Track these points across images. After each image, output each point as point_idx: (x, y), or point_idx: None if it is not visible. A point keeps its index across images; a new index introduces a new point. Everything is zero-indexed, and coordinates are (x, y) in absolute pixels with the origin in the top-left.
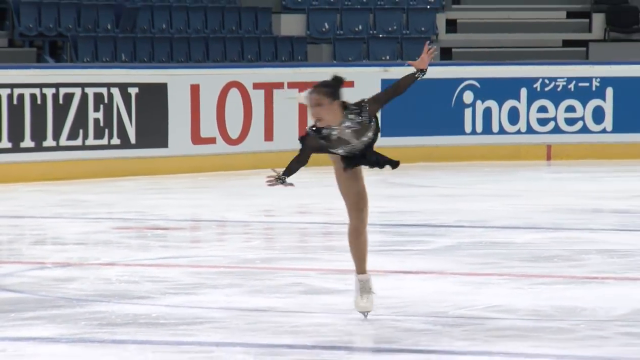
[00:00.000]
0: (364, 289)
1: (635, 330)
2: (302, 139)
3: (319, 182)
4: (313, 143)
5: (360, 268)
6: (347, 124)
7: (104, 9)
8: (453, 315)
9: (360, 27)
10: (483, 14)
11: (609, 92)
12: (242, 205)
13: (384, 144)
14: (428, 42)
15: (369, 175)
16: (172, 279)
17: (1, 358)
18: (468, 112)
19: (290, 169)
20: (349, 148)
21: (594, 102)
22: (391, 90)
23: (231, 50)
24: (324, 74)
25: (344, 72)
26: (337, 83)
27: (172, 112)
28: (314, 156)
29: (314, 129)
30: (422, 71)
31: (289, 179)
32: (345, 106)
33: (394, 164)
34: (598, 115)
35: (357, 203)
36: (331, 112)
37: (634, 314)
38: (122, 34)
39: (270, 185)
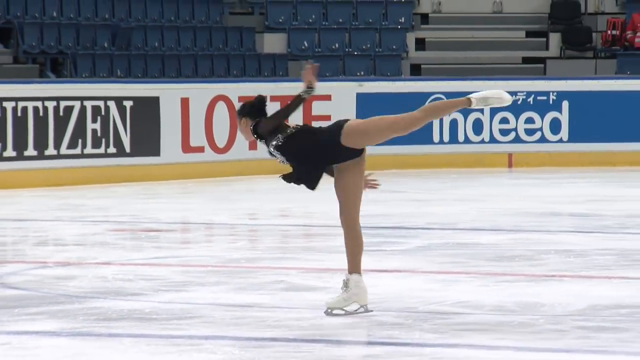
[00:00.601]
0: (344, 285)
1: (590, 324)
2: None
3: (299, 188)
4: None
5: (350, 267)
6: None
7: (101, 29)
8: (424, 310)
9: (336, 45)
10: (449, 34)
11: (565, 105)
12: (228, 209)
13: None
14: (310, 60)
15: None
16: (164, 277)
17: (6, 351)
18: (436, 123)
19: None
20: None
21: (551, 114)
22: (280, 112)
23: (218, 66)
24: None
25: (322, 86)
26: (253, 103)
27: (164, 123)
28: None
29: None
30: (310, 89)
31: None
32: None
33: (310, 186)
34: (555, 126)
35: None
36: (242, 130)
37: (589, 309)
38: (118, 51)
39: None
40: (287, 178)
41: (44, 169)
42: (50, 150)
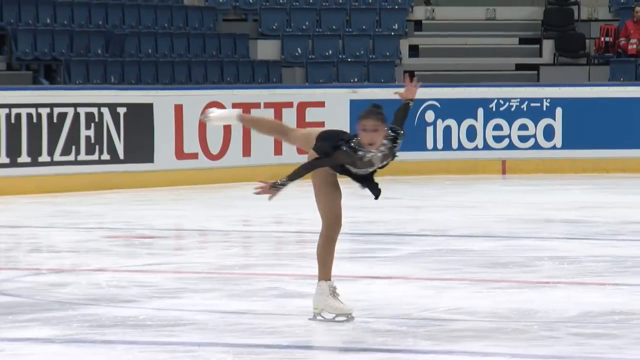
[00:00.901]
0: (335, 293)
1: (584, 331)
2: (332, 150)
3: (292, 194)
4: (341, 159)
5: (329, 274)
6: (382, 148)
7: (94, 35)
8: (417, 317)
9: (330, 52)
10: (443, 40)
11: (559, 111)
12: (221, 216)
13: None
14: (407, 74)
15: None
16: (157, 283)
17: None
18: (430, 130)
19: (295, 175)
20: (370, 170)
21: (544, 121)
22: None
23: (212, 73)
24: (298, 95)
25: (316, 93)
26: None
27: (158, 130)
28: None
29: (351, 146)
30: (411, 100)
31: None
32: None
33: (377, 194)
34: (548, 133)
35: (335, 214)
36: (382, 137)
37: (583, 316)
38: (112, 58)
39: (258, 193)
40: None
41: (37, 175)
42: (44, 157)
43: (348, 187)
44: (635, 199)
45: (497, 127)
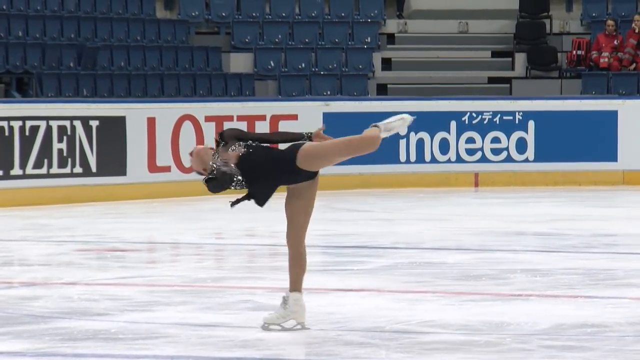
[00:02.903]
0: (283, 303)
1: (556, 343)
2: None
3: (265, 207)
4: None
5: (292, 285)
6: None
7: (67, 48)
8: (390, 329)
9: (303, 65)
10: (416, 53)
11: (531, 124)
12: (194, 229)
13: (328, 172)
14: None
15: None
16: (130, 297)
17: None
18: (402, 143)
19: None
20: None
21: (517, 134)
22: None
23: (184, 86)
24: (271, 107)
25: (289, 106)
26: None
27: (130, 143)
28: None
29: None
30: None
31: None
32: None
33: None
34: (521, 146)
35: (305, 227)
36: (200, 158)
37: (555, 328)
38: (84, 71)
39: None
40: (236, 201)
41: (9, 189)
42: (16, 170)
43: (320, 201)
44: (607, 211)
45: (470, 140)
